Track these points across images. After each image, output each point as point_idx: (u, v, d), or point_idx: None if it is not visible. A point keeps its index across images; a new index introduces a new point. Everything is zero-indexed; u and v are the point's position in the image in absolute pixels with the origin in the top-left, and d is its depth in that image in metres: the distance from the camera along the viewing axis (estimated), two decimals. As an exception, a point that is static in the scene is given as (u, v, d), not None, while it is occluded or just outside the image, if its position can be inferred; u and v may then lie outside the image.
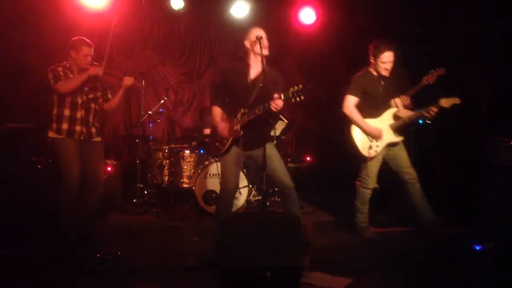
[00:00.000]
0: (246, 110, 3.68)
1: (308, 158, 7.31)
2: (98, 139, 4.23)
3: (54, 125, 4.01)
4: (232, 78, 3.84)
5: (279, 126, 5.95)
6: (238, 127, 3.71)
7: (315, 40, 7.26)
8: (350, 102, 4.24)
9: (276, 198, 6.08)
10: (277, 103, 3.39)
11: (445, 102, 4.04)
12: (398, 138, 4.31)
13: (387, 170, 4.42)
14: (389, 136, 4.29)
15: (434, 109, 4.08)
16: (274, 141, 4.17)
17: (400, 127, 4.31)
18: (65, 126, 4.00)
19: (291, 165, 6.42)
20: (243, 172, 5.41)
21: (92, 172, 4.12)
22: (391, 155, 4.36)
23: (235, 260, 2.83)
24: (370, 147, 4.24)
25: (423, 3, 5.65)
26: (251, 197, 5.79)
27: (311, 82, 3.36)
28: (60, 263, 3.45)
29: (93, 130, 4.18)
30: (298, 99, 3.30)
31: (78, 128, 4.05)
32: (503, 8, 4.67)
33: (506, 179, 4.14)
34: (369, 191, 4.38)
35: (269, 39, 3.74)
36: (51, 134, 4.01)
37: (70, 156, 3.98)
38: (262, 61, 3.58)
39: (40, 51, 5.78)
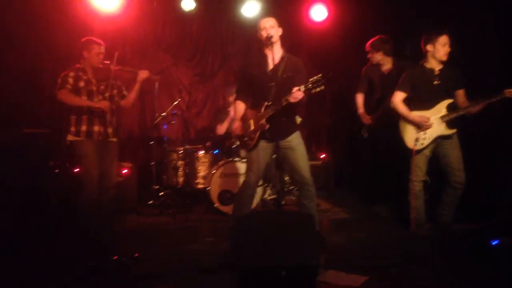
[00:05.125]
0: (269, 103, 3.70)
1: (322, 155, 7.26)
2: (114, 139, 4.26)
3: (73, 128, 4.04)
4: (252, 71, 3.86)
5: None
6: (264, 121, 3.73)
7: (327, 37, 7.19)
8: (396, 97, 4.24)
9: (291, 197, 6.06)
10: (296, 95, 3.42)
11: (510, 93, 3.76)
12: (449, 131, 4.09)
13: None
14: (439, 129, 4.10)
15: (496, 98, 3.81)
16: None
17: (453, 120, 4.09)
18: (83, 128, 4.02)
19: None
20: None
21: (106, 173, 4.14)
22: (442, 152, 4.17)
23: (251, 259, 2.83)
24: (417, 140, 4.13)
25: None
26: (266, 196, 5.77)
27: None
28: (77, 265, 3.46)
29: (110, 130, 4.20)
30: (318, 89, 3.32)
31: (96, 128, 4.07)
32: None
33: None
34: (416, 183, 4.23)
35: (278, 28, 3.81)
36: (70, 137, 4.03)
37: (89, 158, 4.02)
38: (268, 44, 3.66)
39: (53, 55, 5.83)
